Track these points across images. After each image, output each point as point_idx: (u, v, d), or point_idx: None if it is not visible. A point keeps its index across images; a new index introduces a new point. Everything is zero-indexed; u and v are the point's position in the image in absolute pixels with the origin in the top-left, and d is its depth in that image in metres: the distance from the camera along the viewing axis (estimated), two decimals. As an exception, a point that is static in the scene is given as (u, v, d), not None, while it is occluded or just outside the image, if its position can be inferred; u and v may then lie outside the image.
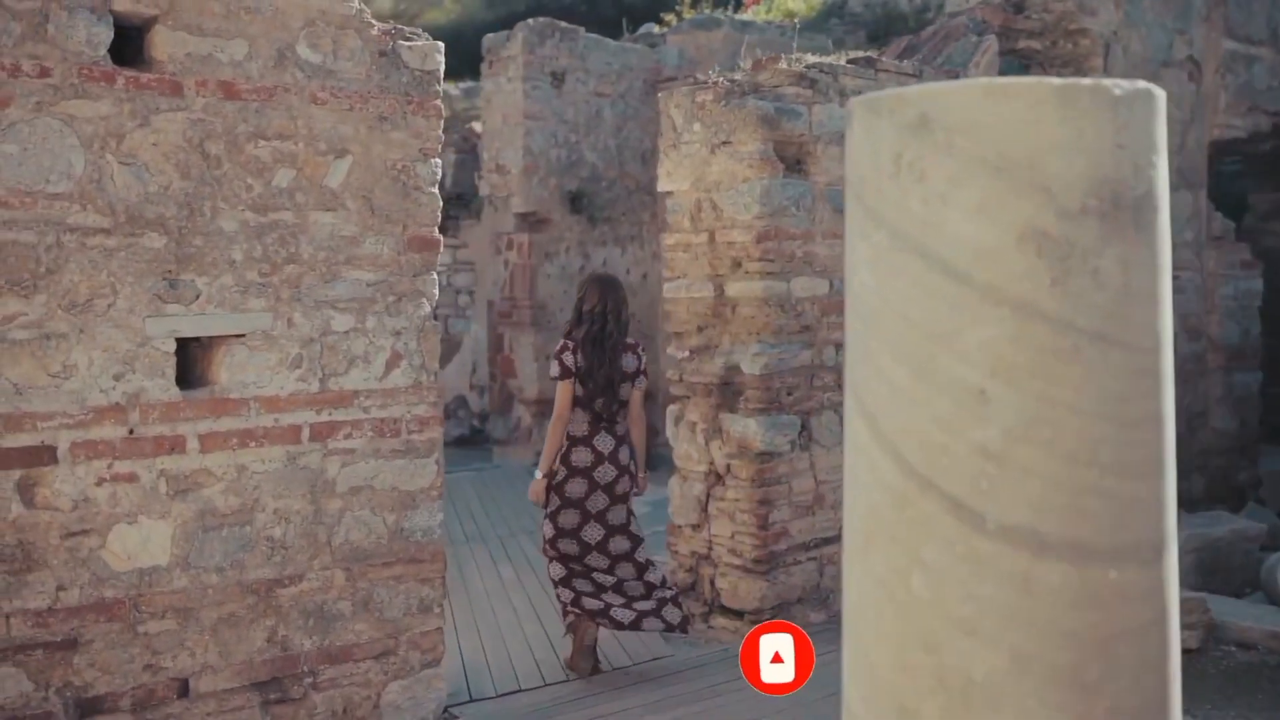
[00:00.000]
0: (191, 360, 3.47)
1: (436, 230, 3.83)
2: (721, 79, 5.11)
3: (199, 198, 3.34)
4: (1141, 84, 1.54)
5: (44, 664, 3.13)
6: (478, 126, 12.12)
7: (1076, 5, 6.20)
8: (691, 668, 4.58)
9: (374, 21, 3.67)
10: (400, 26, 3.78)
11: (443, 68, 3.82)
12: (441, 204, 3.84)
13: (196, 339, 3.42)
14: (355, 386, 3.66)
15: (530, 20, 10.56)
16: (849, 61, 5.32)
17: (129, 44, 3.35)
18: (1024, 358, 1.49)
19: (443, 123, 3.82)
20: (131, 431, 3.25)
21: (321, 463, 3.60)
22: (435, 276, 3.84)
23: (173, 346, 3.32)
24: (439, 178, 3.82)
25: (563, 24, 10.78)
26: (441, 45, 3.83)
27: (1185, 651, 4.85)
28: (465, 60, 12.41)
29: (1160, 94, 1.57)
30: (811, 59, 5.20)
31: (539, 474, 4.58)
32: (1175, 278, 6.73)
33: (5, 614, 3.07)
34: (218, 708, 3.43)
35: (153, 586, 3.31)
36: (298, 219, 3.52)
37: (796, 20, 12.88)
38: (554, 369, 4.58)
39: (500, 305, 11.14)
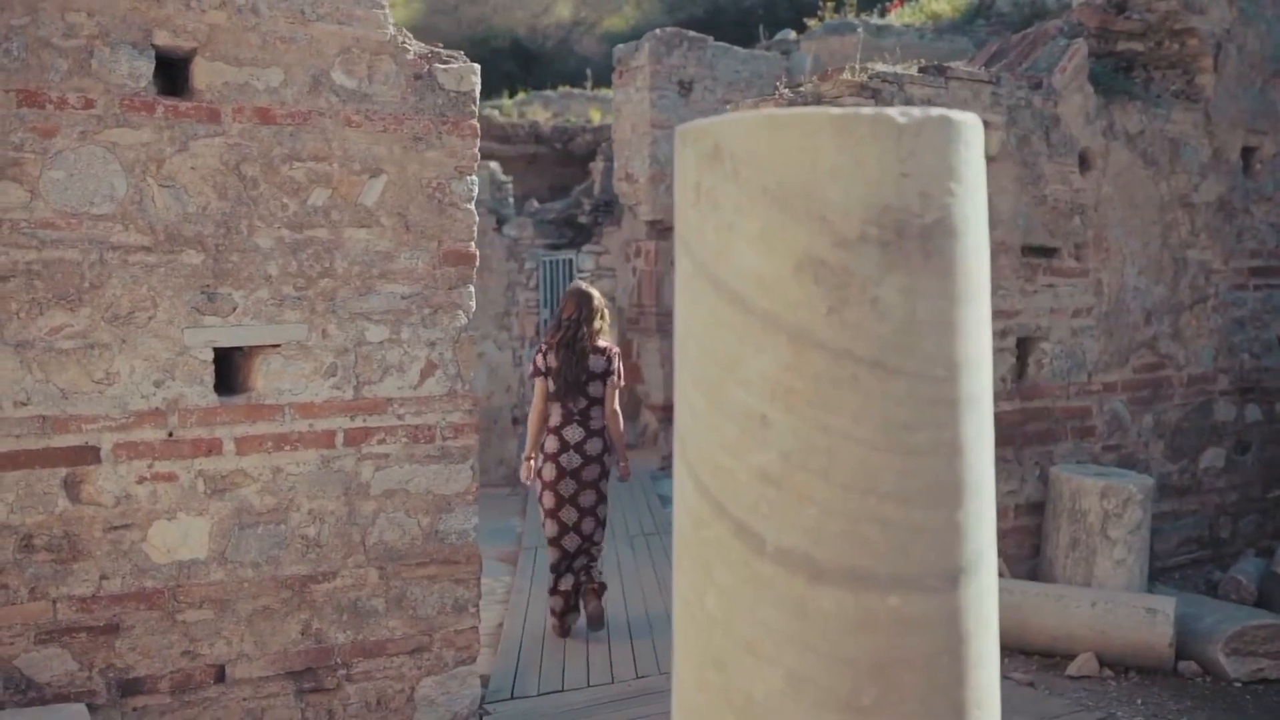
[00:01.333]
0: (235, 368, 3.71)
1: (472, 245, 3.97)
2: (786, 91, 5.11)
3: (236, 217, 3.57)
4: (936, 112, 1.54)
5: (88, 646, 3.41)
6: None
7: (1182, 3, 5.92)
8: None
9: (409, 46, 3.85)
10: (437, 50, 3.94)
11: (478, 89, 3.96)
12: (477, 219, 3.99)
13: (239, 348, 3.66)
14: (389, 394, 3.84)
15: (658, 30, 10.68)
16: (920, 70, 5.23)
17: (179, 74, 3.61)
18: (801, 385, 1.51)
19: (478, 141, 3.97)
20: (171, 434, 3.51)
21: (355, 466, 3.80)
22: (471, 289, 3.99)
23: (210, 355, 3.56)
24: (475, 194, 3.97)
25: (691, 33, 10.86)
26: (477, 67, 3.98)
27: (1265, 682, 4.60)
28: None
29: (963, 120, 1.57)
30: (880, 68, 5.15)
31: (524, 456, 5.30)
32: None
33: (52, 599, 3.36)
34: (253, 694, 3.66)
35: (191, 578, 3.56)
36: (332, 235, 3.72)
37: (928, 23, 12.61)
38: (529, 368, 5.34)
39: (629, 311, 11.31)
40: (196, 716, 3.57)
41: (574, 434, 5.13)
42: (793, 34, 13.37)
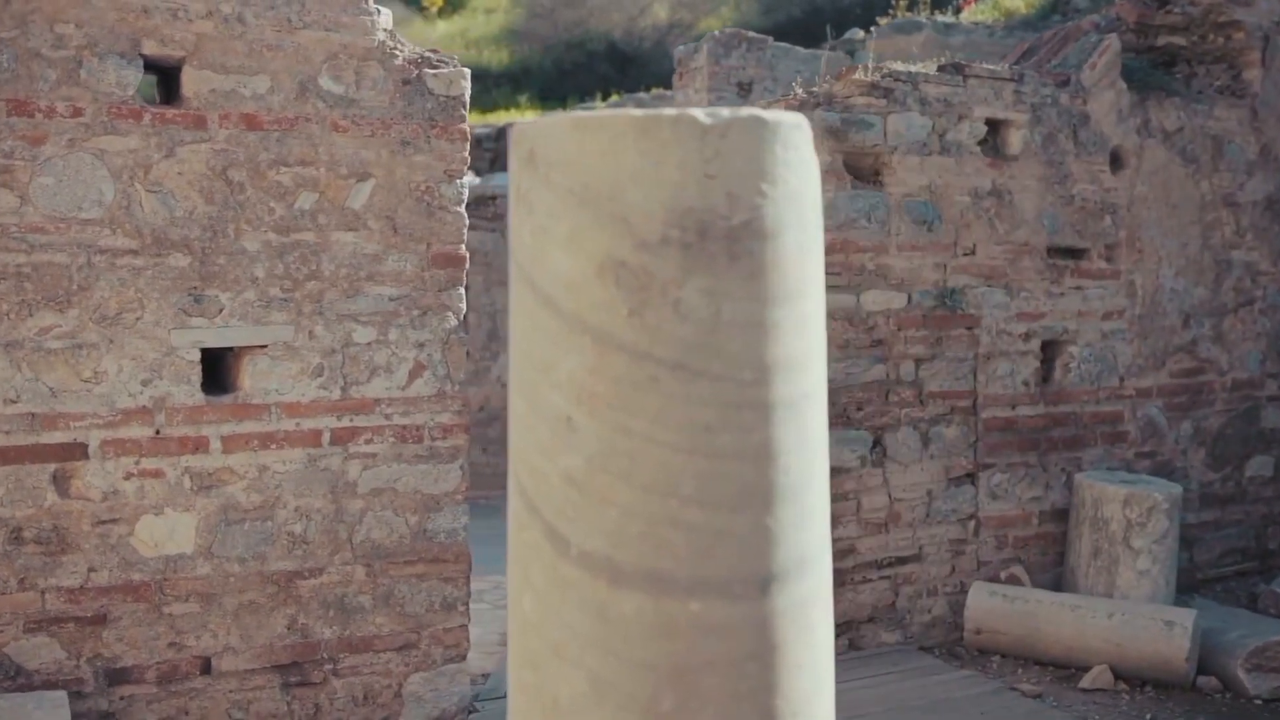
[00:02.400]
0: (224, 368, 3.81)
1: (462, 247, 4.02)
2: (801, 91, 5.07)
3: (223, 220, 3.67)
4: (746, 112, 1.53)
5: (75, 636, 3.53)
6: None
7: (1225, -6, 5.73)
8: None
9: (398, 52, 3.91)
10: (428, 55, 4.00)
11: (468, 93, 4.01)
12: (467, 222, 4.04)
13: (228, 349, 3.76)
14: (377, 395, 3.91)
15: (716, 31, 10.68)
16: (939, 68, 5.14)
17: (174, 82, 3.72)
18: (604, 387, 1.51)
19: (469, 145, 4.02)
20: (158, 432, 3.62)
21: (343, 465, 3.87)
22: (462, 291, 4.04)
23: (197, 356, 3.66)
24: (465, 197, 4.02)
25: (751, 34, 10.83)
26: (467, 72, 4.02)
27: (1266, 701, 4.42)
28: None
29: (779, 120, 1.55)
30: (896, 66, 5.07)
31: None
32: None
33: (41, 590, 3.49)
34: (239, 686, 3.75)
35: (177, 572, 3.66)
36: (319, 239, 3.80)
37: (999, 20, 12.36)
38: None
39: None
40: (183, 706, 3.68)
41: None
42: (860, 33, 13.24)
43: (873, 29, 12.67)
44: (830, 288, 4.78)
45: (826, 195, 4.76)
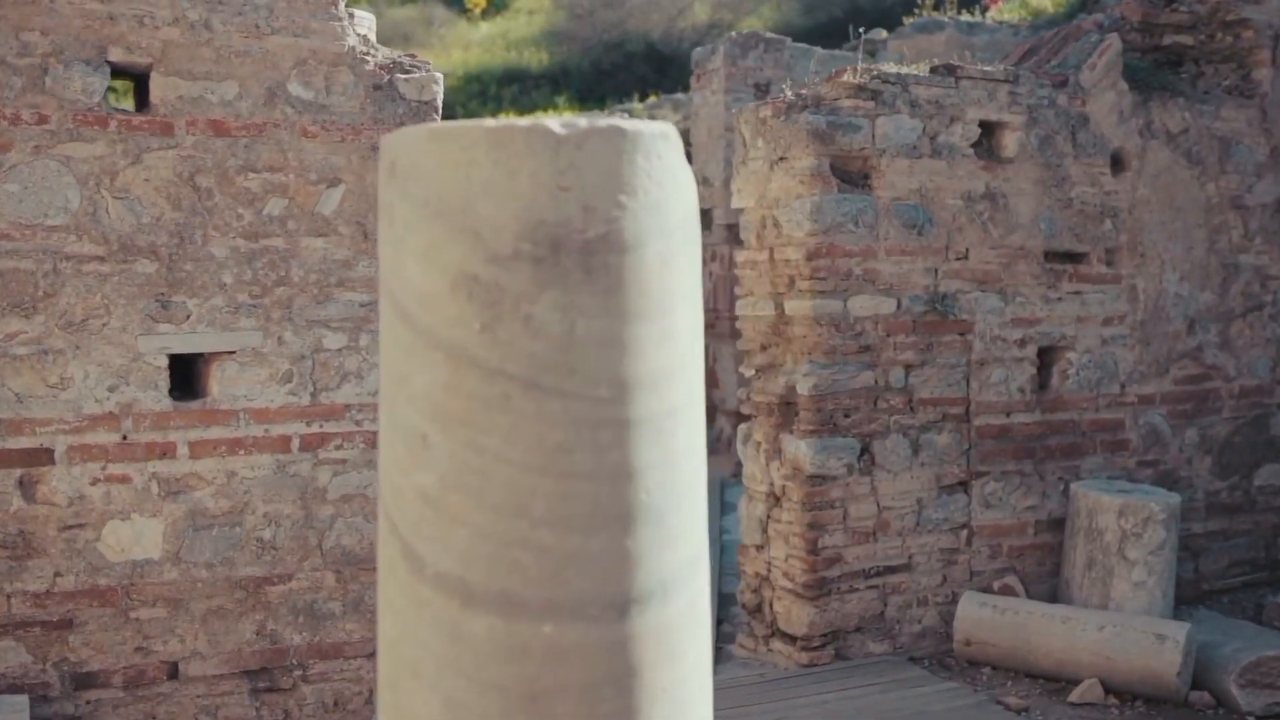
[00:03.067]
0: (194, 374, 3.82)
1: (435, 253, 4.00)
2: (790, 93, 5.01)
3: (190, 227, 3.67)
4: (604, 122, 1.49)
5: (42, 640, 3.55)
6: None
7: (1233, -7, 5.60)
8: (725, 688, 4.53)
9: (368, 57, 3.90)
10: (400, 59, 3.99)
11: (440, 98, 3.99)
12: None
13: (198, 355, 3.76)
14: (347, 400, 3.90)
15: (733, 33, 10.60)
16: (931, 70, 5.06)
17: (145, 88, 3.73)
18: (456, 404, 1.48)
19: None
20: (125, 437, 3.63)
21: (312, 470, 3.86)
22: (435, 297, 4.01)
23: (165, 361, 3.67)
24: (438, 203, 4.00)
25: (768, 35, 10.75)
26: (439, 76, 4.01)
27: (1260, 718, 4.30)
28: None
29: (640, 130, 1.51)
30: (886, 68, 5.00)
31: None
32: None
33: (7, 594, 3.51)
34: (207, 691, 3.75)
35: (144, 577, 3.67)
36: (289, 244, 3.80)
37: (1026, 19, 12.18)
38: None
39: (707, 317, 11.24)
40: (150, 711, 3.69)
41: None
42: (883, 33, 13.11)
43: (895, 29, 12.53)
44: (816, 293, 4.73)
45: (812, 198, 4.70)
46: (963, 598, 4.90)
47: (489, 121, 1.47)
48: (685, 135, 15.48)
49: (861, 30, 9.86)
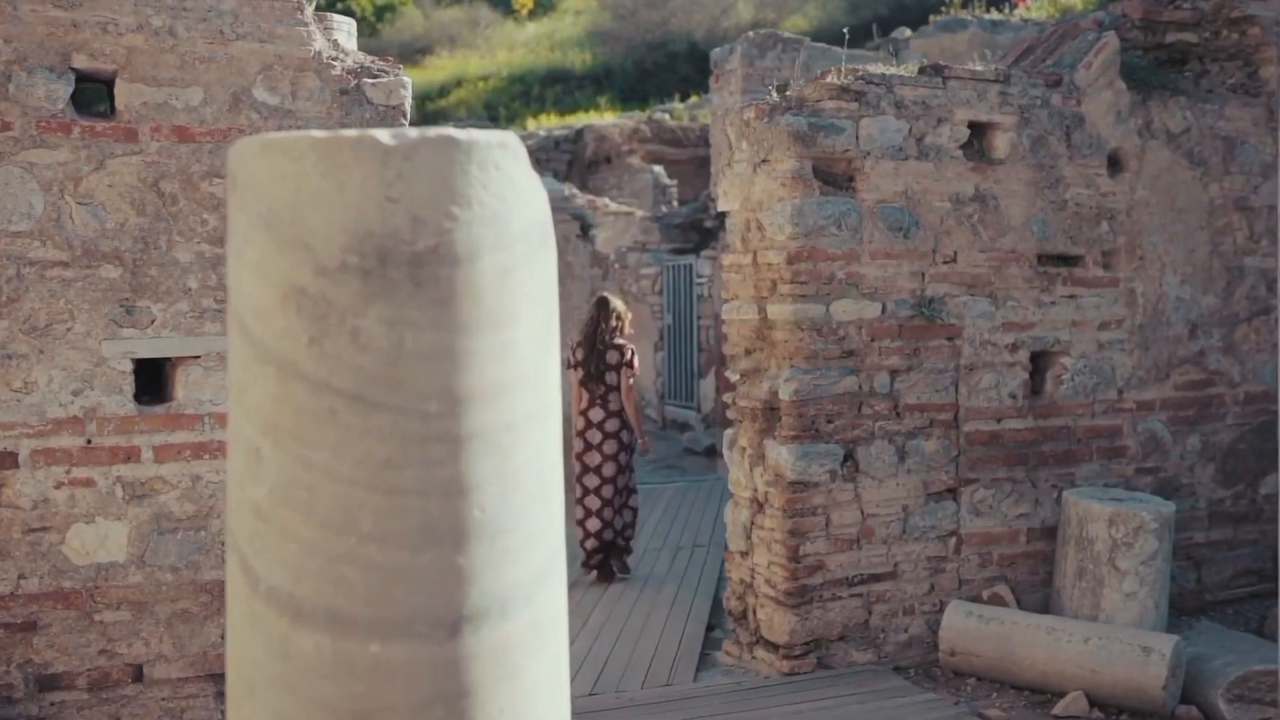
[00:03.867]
0: (161, 378, 3.84)
1: (404, 257, 3.99)
2: (775, 94, 4.96)
3: (155, 232, 3.69)
4: (435, 132, 1.46)
5: (5, 642, 3.58)
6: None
7: (1237, -11, 5.47)
8: (700, 696, 4.49)
9: (335, 62, 3.90)
10: (368, 64, 3.99)
11: (408, 102, 3.99)
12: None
13: (164, 359, 3.78)
14: (314, 405, 3.90)
15: (750, 33, 10.54)
16: (920, 70, 4.99)
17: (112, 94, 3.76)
18: (286, 418, 1.46)
19: (410, 154, 3.98)
20: (89, 441, 3.65)
21: (279, 475, 3.86)
22: (404, 301, 4.01)
23: (129, 366, 3.69)
24: (406, 207, 3.99)
25: (786, 34, 10.68)
26: (408, 81, 4.00)
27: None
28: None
29: (476, 140, 1.48)
30: (873, 69, 4.94)
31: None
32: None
33: (-30, 596, 3.55)
34: (172, 694, 3.77)
35: (109, 580, 3.69)
36: (254, 249, 3.80)
37: (1052, 17, 11.99)
38: (561, 363, 6.27)
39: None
40: (114, 714, 3.71)
41: (596, 415, 6.45)
42: (907, 32, 12.98)
43: (918, 29, 12.39)
44: (797, 297, 4.67)
45: (793, 201, 4.65)
46: (949, 607, 4.82)
47: (316, 133, 1.45)
48: (708, 136, 15.44)
49: (846, 31, 9.73)
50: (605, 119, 19.31)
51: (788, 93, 4.93)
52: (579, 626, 5.51)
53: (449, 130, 1.48)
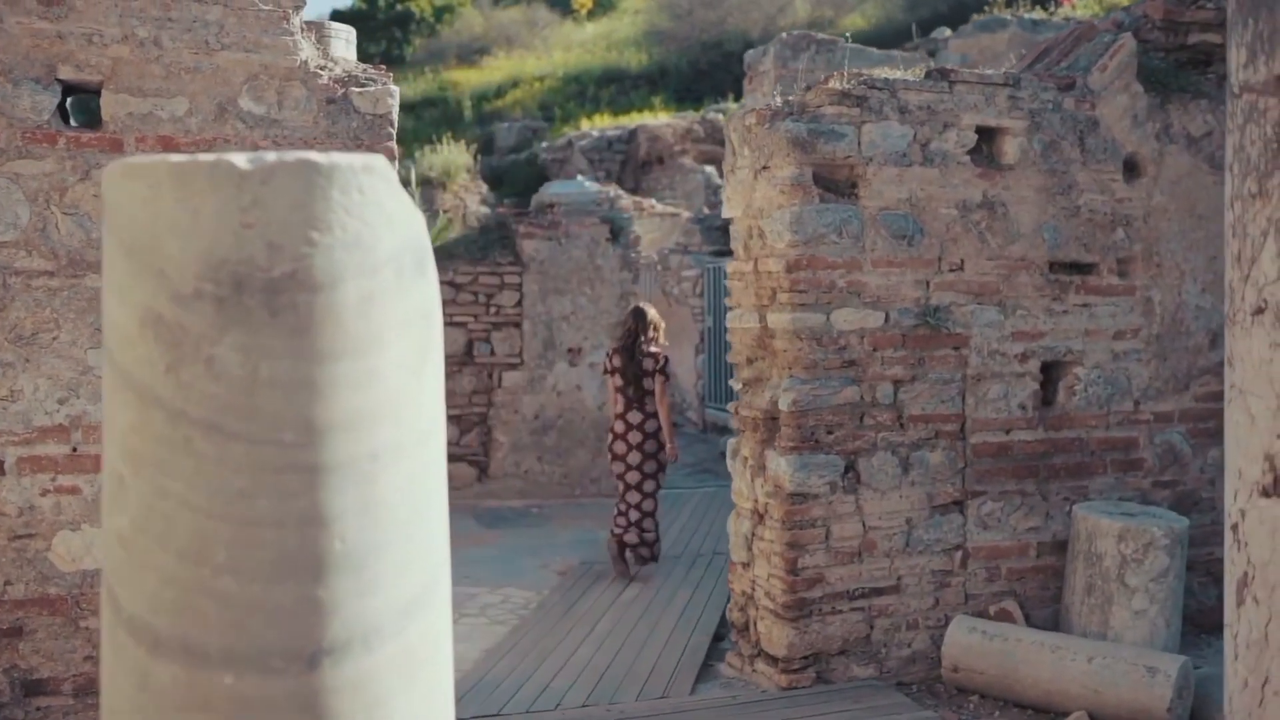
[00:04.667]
0: (150, 386, 3.86)
1: (392, 266, 3.99)
2: (778, 100, 4.89)
3: (140, 242, 3.71)
4: (293, 156, 1.44)
5: (-9, 647, 3.63)
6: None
7: (1260, -11, 5.29)
8: (692, 710, 4.44)
9: (322, 72, 3.90)
10: (356, 73, 3.98)
11: (396, 111, 3.98)
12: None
13: (152, 367, 3.80)
14: (301, 414, 3.91)
15: (784, 34, 10.45)
16: (926, 74, 4.90)
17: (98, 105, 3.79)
18: (145, 447, 1.45)
19: (397, 163, 3.99)
20: (75, 449, 3.69)
21: (265, 484, 3.88)
22: (392, 310, 4.00)
23: (115, 375, 3.72)
24: (394, 216, 3.98)
25: (819, 35, 10.57)
26: (395, 90, 3.99)
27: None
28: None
29: (338, 163, 1.45)
30: (877, 73, 4.85)
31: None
32: None
33: (-43, 601, 3.60)
34: (158, 700, 3.79)
35: (94, 587, 3.72)
36: (240, 259, 3.82)
37: (1093, 16, 11.75)
38: (600, 369, 7.71)
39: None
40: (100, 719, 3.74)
41: (634, 418, 6.78)
42: (947, 31, 12.80)
43: (958, 29, 12.22)
44: (796, 305, 4.61)
45: (792, 209, 4.59)
46: (953, 622, 4.73)
47: (174, 158, 1.43)
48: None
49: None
50: (659, 119, 19.24)
51: (790, 98, 4.86)
52: (584, 635, 5.48)
53: (308, 154, 1.45)
